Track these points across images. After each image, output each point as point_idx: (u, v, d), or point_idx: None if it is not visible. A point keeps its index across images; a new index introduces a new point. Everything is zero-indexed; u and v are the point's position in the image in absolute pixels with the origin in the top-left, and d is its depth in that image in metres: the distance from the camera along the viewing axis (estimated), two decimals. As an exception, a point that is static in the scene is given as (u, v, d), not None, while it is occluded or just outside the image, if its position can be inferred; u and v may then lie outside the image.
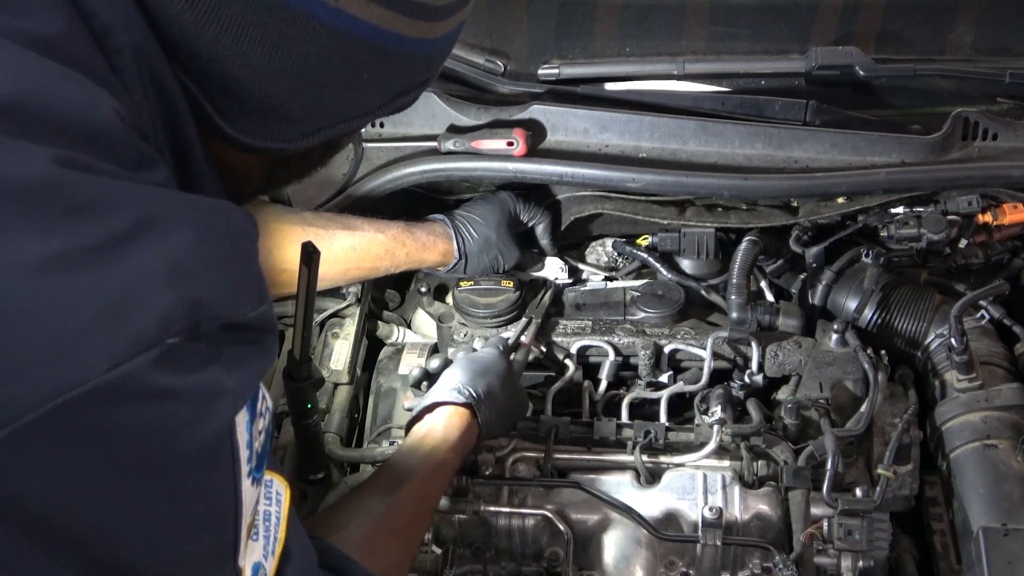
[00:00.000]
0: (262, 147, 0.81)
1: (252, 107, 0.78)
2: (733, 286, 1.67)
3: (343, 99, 0.81)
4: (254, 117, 0.79)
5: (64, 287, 0.59)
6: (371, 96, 0.83)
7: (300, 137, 0.82)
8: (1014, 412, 1.48)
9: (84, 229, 0.61)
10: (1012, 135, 1.71)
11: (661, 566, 1.41)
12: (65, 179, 0.61)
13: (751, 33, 1.87)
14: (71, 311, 0.59)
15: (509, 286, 1.71)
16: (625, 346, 1.67)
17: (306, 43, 0.74)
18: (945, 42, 1.86)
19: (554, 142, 1.75)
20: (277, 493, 0.81)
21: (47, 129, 0.63)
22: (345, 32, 0.75)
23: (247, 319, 0.69)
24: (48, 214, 0.60)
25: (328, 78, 0.78)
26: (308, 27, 0.74)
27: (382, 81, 0.82)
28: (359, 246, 1.59)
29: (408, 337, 1.80)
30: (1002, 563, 1.28)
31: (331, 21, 0.74)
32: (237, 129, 0.79)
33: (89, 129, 0.65)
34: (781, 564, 1.34)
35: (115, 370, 0.59)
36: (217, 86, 0.76)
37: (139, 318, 0.61)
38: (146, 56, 0.72)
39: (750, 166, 1.70)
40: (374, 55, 0.78)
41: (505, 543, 1.46)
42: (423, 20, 0.79)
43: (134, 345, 0.60)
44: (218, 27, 0.72)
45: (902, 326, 1.65)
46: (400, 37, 0.78)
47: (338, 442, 1.60)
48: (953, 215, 1.69)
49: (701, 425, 1.53)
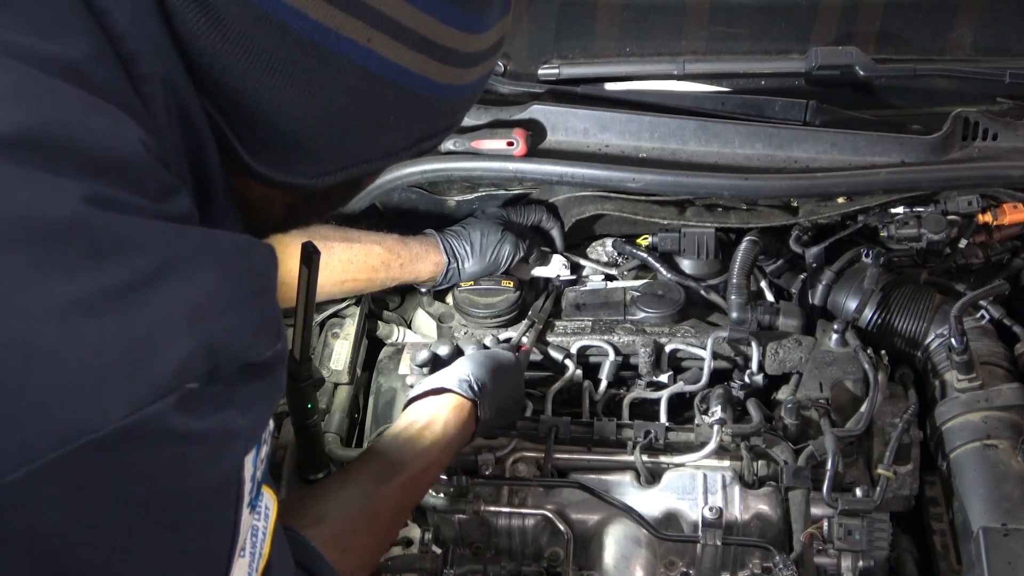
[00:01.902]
0: (284, 182, 0.81)
1: (277, 141, 0.77)
2: (733, 286, 1.67)
3: (368, 139, 0.81)
4: (278, 152, 0.78)
5: (86, 330, 0.59)
6: (396, 138, 0.83)
7: (323, 174, 0.82)
8: (1014, 412, 1.48)
9: (108, 271, 0.61)
10: (1012, 135, 1.71)
11: (661, 566, 1.41)
12: (91, 219, 0.61)
13: (751, 33, 1.87)
14: (92, 355, 0.59)
15: (509, 286, 1.71)
16: (625, 346, 1.67)
17: (336, 82, 0.74)
18: (945, 42, 1.86)
19: (554, 142, 1.75)
20: (266, 507, 0.81)
21: (75, 162, 0.62)
22: (376, 73, 0.75)
23: (264, 358, 0.69)
24: (73, 255, 0.60)
25: (355, 118, 0.78)
26: (339, 66, 0.73)
27: (408, 124, 0.82)
28: (356, 258, 1.61)
29: (408, 337, 1.79)
30: (1002, 563, 1.28)
31: (363, 61, 0.74)
32: (260, 162, 0.79)
33: (115, 160, 0.65)
34: (781, 564, 1.34)
35: (134, 415, 0.59)
36: (243, 118, 0.75)
37: (160, 363, 0.61)
38: (173, 84, 0.71)
39: (750, 166, 1.70)
40: (403, 98, 0.78)
41: (505, 543, 1.46)
42: (453, 66, 0.79)
43: (154, 391, 0.60)
44: (248, 60, 0.72)
45: (902, 326, 1.65)
46: (430, 81, 0.78)
47: (338, 442, 1.60)
48: (953, 215, 1.69)
49: (701, 425, 1.53)
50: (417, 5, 0.74)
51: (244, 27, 0.71)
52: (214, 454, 0.65)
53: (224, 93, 0.74)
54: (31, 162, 0.61)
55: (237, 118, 0.76)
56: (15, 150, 0.60)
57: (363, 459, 1.31)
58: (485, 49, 0.82)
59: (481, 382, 1.40)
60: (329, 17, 0.71)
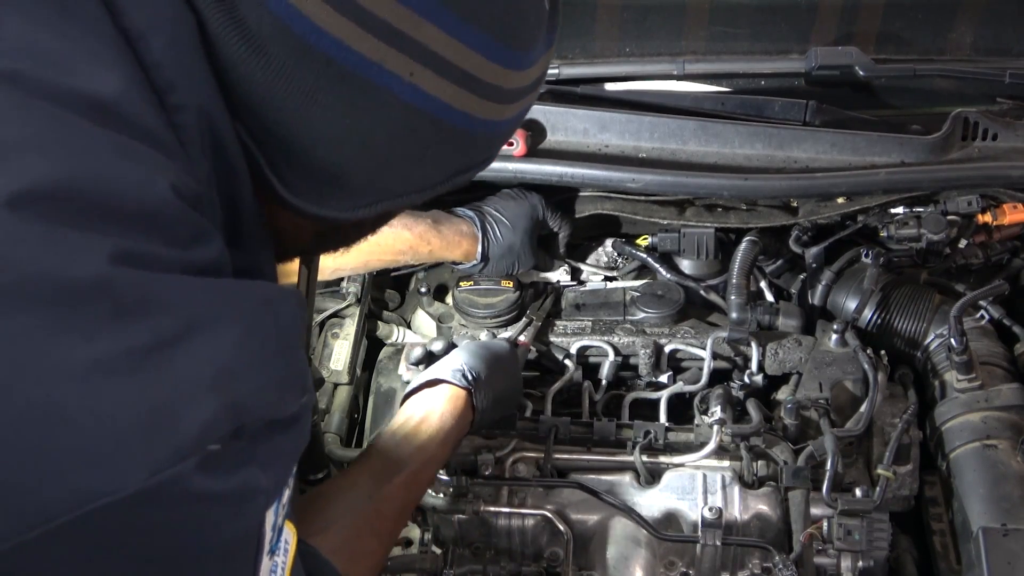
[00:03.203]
0: (316, 214, 0.80)
1: (312, 173, 0.77)
2: (733, 286, 1.67)
3: (404, 173, 0.80)
4: (312, 183, 0.78)
5: (107, 393, 0.58)
6: (432, 172, 0.82)
7: (356, 208, 0.81)
8: (1014, 412, 1.48)
9: (131, 332, 0.60)
10: (1012, 135, 1.71)
11: (661, 566, 1.41)
12: (116, 279, 0.60)
13: (751, 33, 1.87)
14: (112, 418, 0.58)
15: (509, 286, 1.71)
16: (625, 346, 1.67)
17: (376, 115, 0.73)
18: (945, 42, 1.86)
19: (554, 142, 1.75)
20: (285, 542, 0.79)
21: (102, 216, 0.62)
22: (417, 107, 0.74)
23: (290, 414, 0.68)
24: (95, 316, 0.59)
25: (393, 151, 0.77)
26: (380, 99, 0.72)
27: (445, 158, 0.81)
28: (383, 241, 1.57)
29: (408, 337, 1.79)
30: (1002, 563, 1.28)
31: (405, 96, 0.73)
32: (294, 193, 0.78)
33: (144, 211, 0.64)
34: (781, 564, 1.34)
35: (153, 478, 0.58)
36: (279, 149, 0.75)
37: (182, 427, 0.60)
38: (208, 114, 0.70)
39: (750, 166, 1.70)
40: (442, 132, 0.77)
41: (505, 543, 1.46)
42: (495, 102, 0.78)
43: (175, 454, 0.59)
44: (289, 90, 0.71)
45: (902, 326, 1.65)
46: (469, 117, 0.77)
47: (338, 442, 1.60)
48: (953, 215, 1.69)
49: (701, 425, 1.53)
50: (463, 40, 0.73)
51: (287, 57, 0.70)
52: (234, 513, 0.65)
53: (261, 122, 0.73)
54: (57, 218, 0.60)
55: (273, 148, 0.75)
56: (41, 205, 0.59)
57: (363, 459, 1.31)
58: (527, 85, 0.81)
59: (476, 371, 1.39)
60: (373, 50, 0.70)
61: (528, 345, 1.63)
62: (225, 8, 0.70)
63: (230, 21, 0.70)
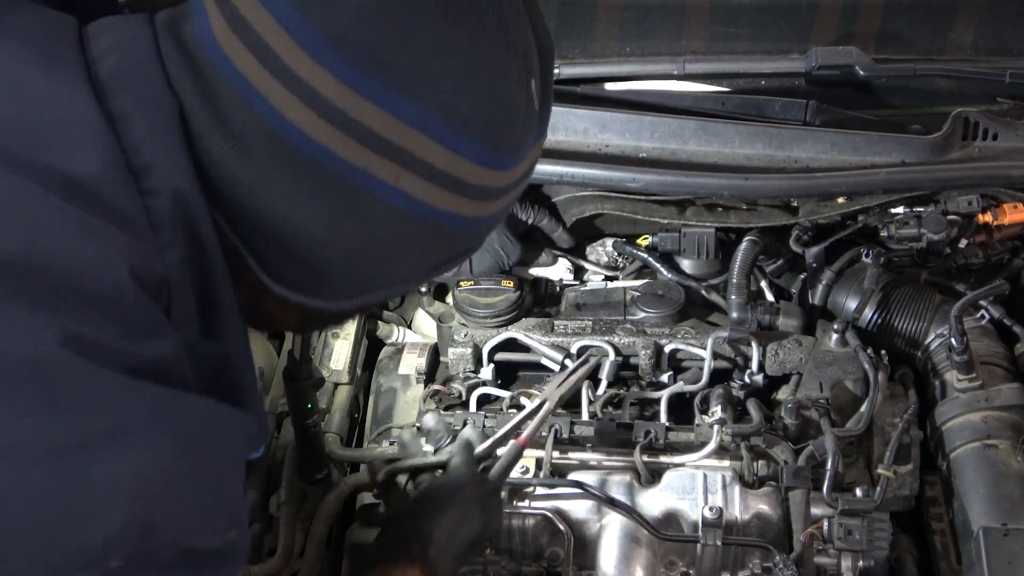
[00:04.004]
0: (300, 303, 0.80)
1: (295, 266, 0.76)
2: (733, 286, 1.67)
3: (388, 268, 0.80)
4: (296, 275, 0.77)
5: (18, 480, 0.56)
6: (416, 266, 0.82)
7: (340, 299, 0.81)
8: (1014, 412, 1.48)
9: (59, 422, 0.58)
10: (1012, 135, 1.71)
11: (661, 566, 1.41)
12: (57, 363, 0.59)
13: (751, 33, 1.87)
14: (18, 507, 0.56)
15: (509, 286, 1.71)
16: (625, 346, 1.67)
17: (361, 217, 0.73)
18: (945, 42, 1.86)
19: (554, 142, 1.75)
20: None
21: (56, 295, 0.61)
22: (403, 210, 0.73)
23: (211, 546, 0.65)
24: (26, 399, 0.58)
25: (377, 251, 0.77)
26: (365, 203, 0.72)
27: (430, 253, 0.81)
28: None
29: (408, 337, 1.80)
30: (1002, 563, 1.28)
31: (390, 200, 0.72)
32: (278, 282, 0.78)
33: (100, 295, 0.63)
34: (781, 564, 1.34)
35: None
36: (262, 240, 0.75)
37: (86, 533, 0.57)
38: (184, 200, 0.70)
39: (750, 166, 1.70)
40: (427, 232, 0.77)
41: (505, 543, 1.46)
42: (481, 200, 0.77)
43: (74, 561, 0.57)
44: (272, 189, 0.71)
45: (902, 326, 1.65)
46: (456, 216, 0.77)
47: (338, 442, 1.60)
48: (953, 215, 1.68)
49: (701, 425, 1.53)
50: (451, 147, 0.72)
51: (271, 159, 0.70)
52: None
53: (244, 215, 0.73)
54: (9, 293, 0.59)
55: (257, 239, 0.75)
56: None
57: None
58: (517, 179, 0.80)
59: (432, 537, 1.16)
60: (359, 156, 0.70)
61: (525, 443, 1.32)
62: (209, 104, 0.70)
63: (214, 118, 0.70)
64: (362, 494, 1.54)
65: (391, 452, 1.54)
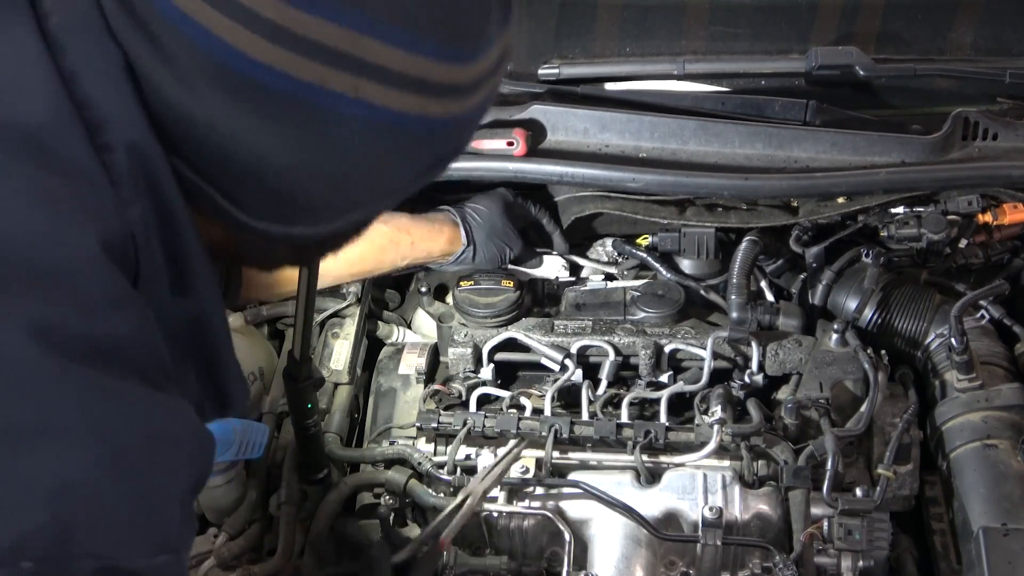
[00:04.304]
0: (282, 234, 0.78)
1: (270, 198, 0.75)
2: (733, 286, 1.66)
3: (368, 183, 0.77)
4: (273, 206, 0.75)
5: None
6: (398, 176, 0.79)
7: (323, 222, 0.79)
8: (1014, 412, 1.48)
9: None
10: (1012, 135, 1.71)
11: (661, 566, 1.41)
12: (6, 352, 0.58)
13: (751, 33, 1.87)
14: None
15: (509, 286, 1.71)
16: (625, 346, 1.67)
17: (326, 135, 0.70)
18: (945, 42, 1.86)
19: (554, 142, 1.75)
20: None
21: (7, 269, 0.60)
22: (368, 121, 0.70)
23: (135, 567, 0.61)
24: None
25: (351, 167, 0.74)
26: (327, 120, 0.70)
27: (410, 161, 0.78)
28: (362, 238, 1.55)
29: (408, 337, 1.80)
30: (1002, 563, 1.28)
31: (352, 112, 0.70)
32: (256, 217, 0.76)
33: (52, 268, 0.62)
34: (781, 564, 1.34)
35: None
36: (232, 178, 0.73)
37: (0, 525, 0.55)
38: (141, 152, 0.69)
39: (750, 166, 1.70)
40: (400, 140, 0.73)
41: (505, 543, 1.46)
42: (452, 98, 0.74)
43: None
44: (230, 123, 0.69)
45: (902, 326, 1.65)
46: (427, 118, 0.73)
47: (338, 442, 1.60)
48: (953, 215, 1.68)
49: (701, 425, 1.53)
50: (405, 48, 0.69)
51: (224, 91, 0.68)
52: None
53: (207, 155, 0.71)
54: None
55: (224, 178, 0.73)
56: None
57: None
58: (487, 70, 0.76)
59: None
60: (312, 72, 0.67)
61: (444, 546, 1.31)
62: (153, 48, 0.68)
63: (160, 61, 0.68)
64: (362, 494, 1.54)
65: (391, 452, 1.54)
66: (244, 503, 1.49)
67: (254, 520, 1.49)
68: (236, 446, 1.37)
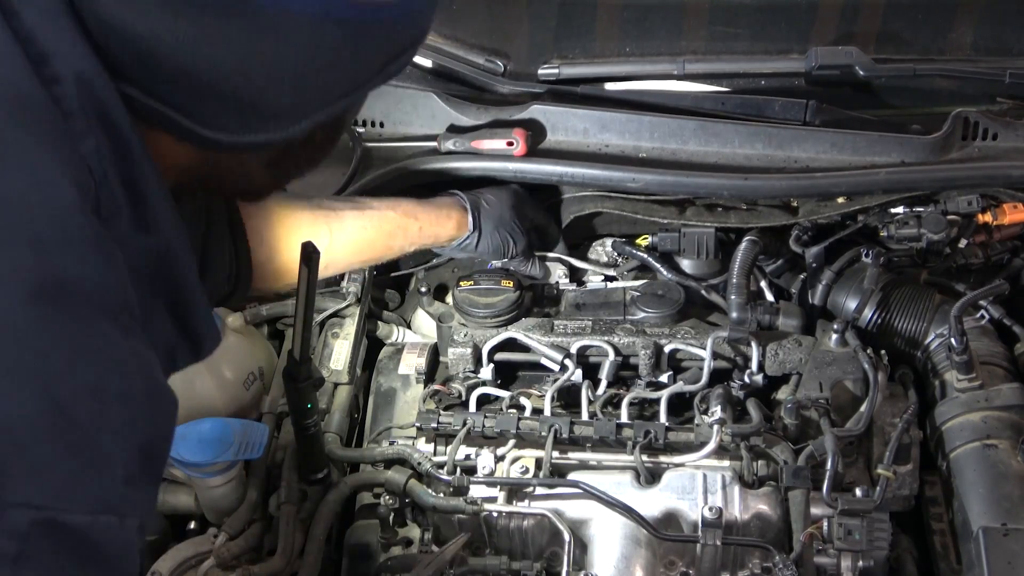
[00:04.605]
0: (250, 143, 0.76)
1: (231, 109, 0.73)
2: (733, 286, 1.67)
3: (327, 81, 0.76)
4: (233, 116, 0.74)
5: None
6: (358, 71, 0.77)
7: (290, 125, 0.77)
8: (1014, 412, 1.48)
9: None
10: (1012, 135, 1.71)
11: (661, 566, 1.41)
12: None
13: (751, 33, 1.87)
14: None
15: (509, 286, 1.71)
16: (625, 346, 1.67)
17: (272, 35, 0.69)
18: (945, 42, 1.86)
19: (554, 142, 1.75)
20: None
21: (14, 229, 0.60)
22: (313, 15, 0.69)
23: (73, 523, 0.58)
24: None
25: (305, 66, 0.72)
26: (275, 18, 0.68)
27: (367, 54, 0.76)
28: (370, 224, 1.53)
29: (408, 337, 1.80)
30: (1002, 563, 1.28)
31: (300, 8, 0.69)
32: (218, 130, 0.74)
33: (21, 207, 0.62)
34: (781, 564, 1.34)
35: None
36: (188, 96, 0.72)
37: None
38: (88, 82, 0.68)
39: (750, 166, 1.70)
40: (352, 31, 0.72)
41: (505, 543, 1.46)
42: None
43: None
44: (173, 36, 0.68)
45: (902, 326, 1.65)
46: (375, 5, 0.72)
47: (338, 442, 1.60)
48: (953, 215, 1.69)
49: (701, 425, 1.53)
50: None
51: (161, 6, 0.67)
52: None
53: (158, 75, 0.70)
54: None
55: (181, 96, 0.72)
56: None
57: None
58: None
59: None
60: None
61: None
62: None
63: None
64: (362, 494, 1.54)
65: (390, 452, 1.54)
66: (244, 503, 1.49)
67: (254, 520, 1.49)
68: (236, 446, 1.37)
